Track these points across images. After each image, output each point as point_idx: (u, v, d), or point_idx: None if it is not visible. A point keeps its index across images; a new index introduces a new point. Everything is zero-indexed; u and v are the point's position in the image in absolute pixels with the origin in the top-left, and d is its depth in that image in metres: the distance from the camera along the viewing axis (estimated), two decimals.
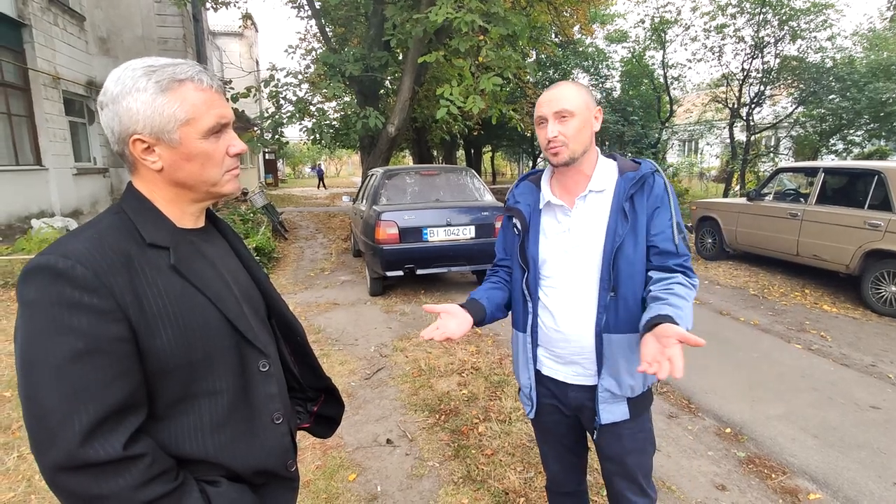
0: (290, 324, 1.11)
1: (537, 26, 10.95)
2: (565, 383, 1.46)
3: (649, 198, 1.35)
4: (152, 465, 0.78)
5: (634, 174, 1.36)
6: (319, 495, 2.44)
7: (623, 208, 1.34)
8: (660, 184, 1.36)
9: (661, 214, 1.35)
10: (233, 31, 25.03)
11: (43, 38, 8.70)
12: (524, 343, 1.51)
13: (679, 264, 1.34)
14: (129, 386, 0.77)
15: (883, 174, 5.40)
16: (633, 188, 1.34)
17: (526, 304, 1.47)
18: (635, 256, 1.34)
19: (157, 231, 0.86)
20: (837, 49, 13.45)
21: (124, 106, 0.82)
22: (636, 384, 1.39)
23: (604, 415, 1.40)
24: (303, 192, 25.53)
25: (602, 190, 1.39)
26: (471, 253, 5.77)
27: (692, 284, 1.32)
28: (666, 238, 1.34)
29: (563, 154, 1.34)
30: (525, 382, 1.54)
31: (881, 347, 4.38)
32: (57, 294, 0.74)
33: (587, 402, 1.45)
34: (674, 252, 1.34)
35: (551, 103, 1.33)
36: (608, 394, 1.39)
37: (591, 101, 1.36)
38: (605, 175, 1.40)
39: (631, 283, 1.34)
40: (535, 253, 1.44)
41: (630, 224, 1.33)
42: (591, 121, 1.36)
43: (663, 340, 1.10)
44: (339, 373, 3.85)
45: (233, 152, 0.91)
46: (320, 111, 9.74)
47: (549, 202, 1.43)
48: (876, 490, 2.48)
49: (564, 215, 1.41)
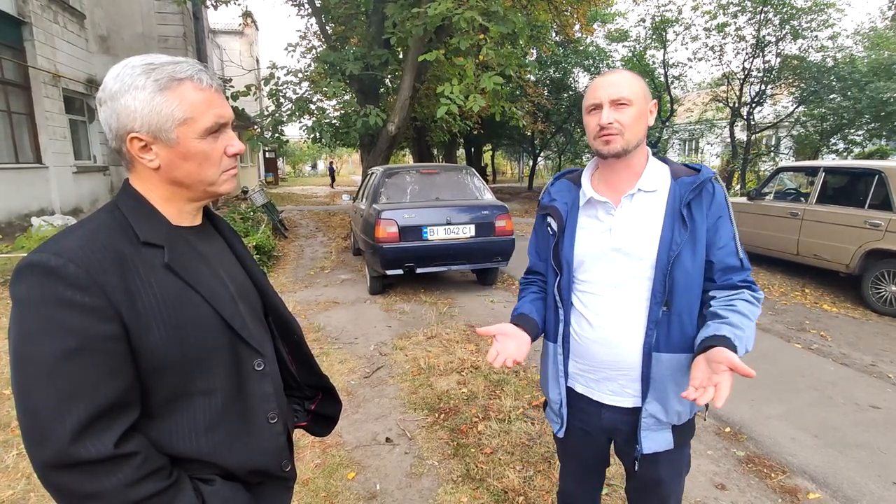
0: (287, 322, 1.10)
1: (537, 25, 10.93)
2: (599, 403, 1.34)
3: (710, 206, 1.23)
4: (144, 463, 0.78)
5: (693, 179, 1.24)
6: (318, 493, 2.43)
7: (682, 214, 1.21)
8: (720, 192, 1.25)
9: (723, 225, 1.24)
10: (233, 30, 25.01)
11: (43, 36, 8.70)
12: (554, 354, 1.39)
13: (744, 280, 1.23)
14: (121, 384, 0.77)
15: (883, 174, 5.39)
16: (691, 194, 1.22)
17: (557, 312, 1.36)
18: (693, 269, 1.22)
19: (152, 229, 0.85)
20: (838, 48, 13.45)
21: (122, 103, 0.82)
22: (684, 411, 1.27)
23: (646, 443, 1.28)
24: (303, 190, 25.53)
25: (653, 190, 1.27)
26: (471, 252, 5.76)
27: (757, 300, 1.22)
28: (730, 252, 1.23)
29: (617, 143, 1.21)
30: (555, 398, 1.41)
31: (881, 347, 4.38)
32: (49, 292, 0.73)
33: (622, 426, 1.33)
34: (738, 267, 1.23)
35: (608, 88, 1.21)
36: (653, 419, 1.27)
37: (648, 93, 1.25)
38: (656, 176, 1.28)
39: (687, 297, 1.22)
40: (570, 255, 1.32)
41: (689, 232, 1.21)
42: (646, 113, 1.24)
43: (714, 366, 1.04)
44: (338, 371, 3.85)
45: (231, 152, 0.91)
46: (320, 109, 9.73)
47: (591, 199, 1.31)
48: (876, 490, 2.48)
49: (607, 214, 1.29)
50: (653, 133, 16.98)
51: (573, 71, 18.18)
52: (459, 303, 5.73)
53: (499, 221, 5.81)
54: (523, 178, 32.20)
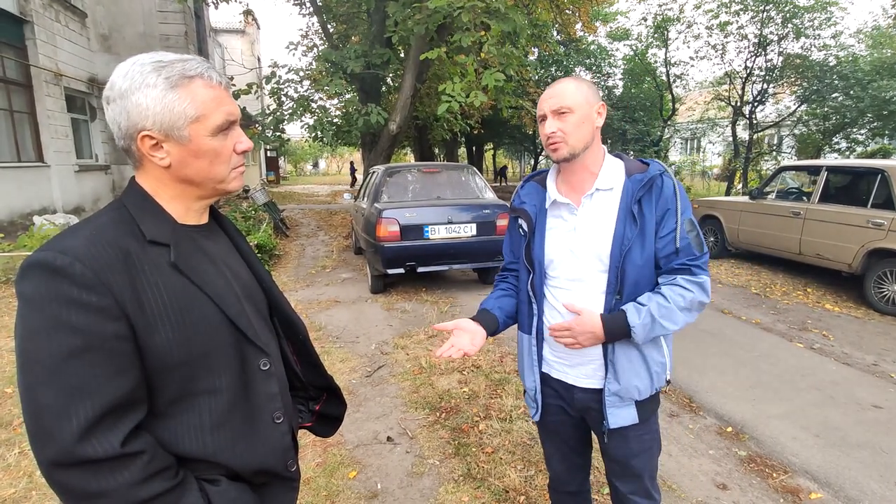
0: (292, 322, 1.10)
1: (539, 24, 10.92)
2: (573, 385, 1.45)
3: (658, 201, 1.32)
4: (151, 462, 0.77)
5: (643, 176, 1.33)
6: (320, 492, 2.44)
7: (632, 211, 1.31)
8: (668, 186, 1.33)
9: (669, 217, 1.32)
10: (234, 28, 25.02)
11: (45, 35, 8.70)
12: (529, 345, 1.49)
13: (682, 263, 1.32)
14: (127, 383, 0.77)
15: (886, 173, 5.38)
16: (641, 191, 1.31)
17: (531, 306, 1.46)
18: (643, 261, 1.32)
19: (158, 228, 0.85)
20: (841, 47, 13.40)
21: (133, 101, 0.81)
22: (642, 386, 1.38)
23: (612, 419, 1.39)
24: (304, 189, 25.54)
25: (610, 188, 1.36)
26: (472, 250, 5.76)
27: (695, 283, 1.31)
28: (670, 241, 1.32)
29: (562, 150, 1.32)
30: (530, 385, 1.53)
31: (883, 347, 4.37)
32: (55, 291, 0.73)
33: (593, 405, 1.44)
34: (673, 252, 1.32)
35: (550, 100, 1.32)
36: (616, 398, 1.38)
37: (592, 96, 1.33)
38: (612, 174, 1.37)
39: (636, 288, 1.33)
40: (541, 254, 1.42)
41: (639, 228, 1.31)
42: (591, 116, 1.33)
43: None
44: (339, 370, 3.85)
45: (240, 149, 0.91)
46: (322, 108, 9.73)
47: (556, 200, 1.41)
48: (878, 489, 2.48)
49: (571, 214, 1.39)
50: (655, 132, 16.96)
51: (575, 70, 18.15)
52: (461, 302, 5.73)
53: (500, 220, 5.80)
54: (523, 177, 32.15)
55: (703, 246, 1.34)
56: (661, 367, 1.41)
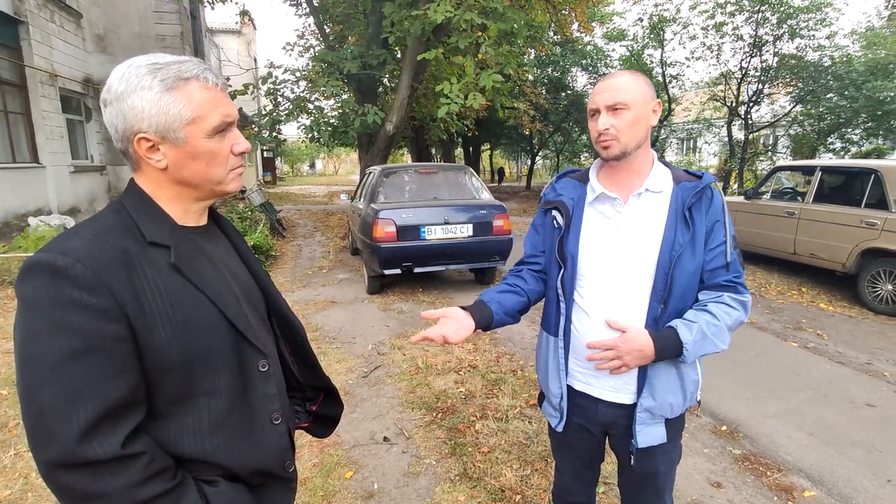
0: (290, 323, 1.11)
1: (535, 25, 10.94)
2: (598, 399, 1.37)
3: (709, 211, 1.27)
4: (150, 463, 0.78)
5: (695, 184, 1.29)
6: (316, 493, 2.44)
7: (685, 216, 1.26)
8: (718, 198, 1.29)
9: (718, 229, 1.28)
10: (231, 29, 24.95)
11: (39, 35, 8.67)
12: (555, 348, 1.41)
13: (729, 280, 1.28)
14: (127, 384, 0.78)
15: (879, 173, 5.42)
16: (693, 198, 1.26)
17: (559, 306, 1.37)
18: (692, 270, 1.27)
19: (158, 229, 0.86)
20: (836, 47, 13.48)
21: (129, 104, 0.82)
22: (675, 403, 1.32)
23: (640, 437, 1.32)
24: (301, 190, 25.49)
25: (659, 191, 1.30)
26: (468, 251, 5.77)
27: (740, 302, 1.27)
28: (720, 254, 1.28)
29: (615, 148, 1.25)
30: (555, 392, 1.43)
31: (877, 346, 4.40)
32: (56, 292, 0.74)
33: (619, 420, 1.37)
34: (723, 267, 1.27)
35: (605, 94, 1.24)
36: (647, 414, 1.31)
37: (649, 93, 1.27)
38: (660, 177, 1.32)
39: (683, 298, 1.27)
40: (575, 250, 1.34)
41: (691, 235, 1.25)
42: (647, 114, 1.26)
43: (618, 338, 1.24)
44: (336, 371, 3.85)
45: (237, 151, 0.91)
46: (318, 109, 9.72)
47: (603, 194, 1.33)
48: (870, 487, 2.50)
49: (615, 211, 1.32)
50: (651, 132, 16.99)
51: (571, 70, 18.19)
52: (457, 302, 5.73)
53: (497, 221, 5.82)
54: (521, 178, 32.21)
55: (743, 264, 1.32)
56: (694, 386, 1.36)
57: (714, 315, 1.24)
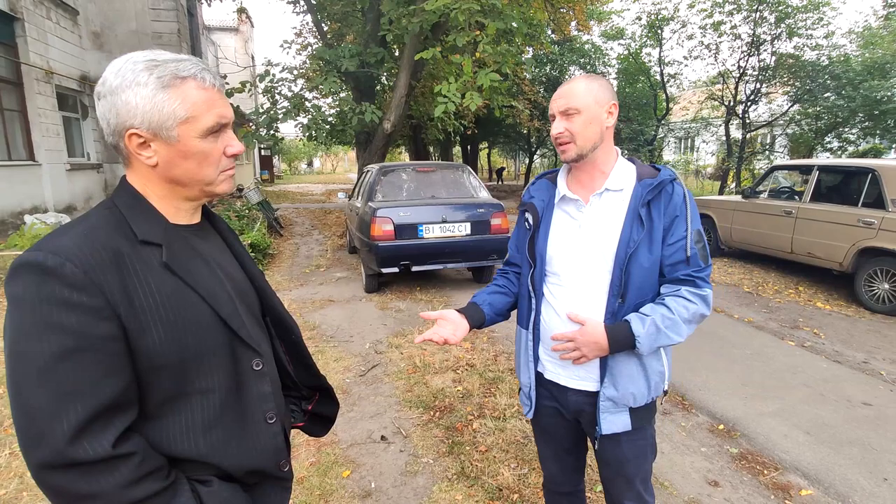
0: (284, 322, 1.10)
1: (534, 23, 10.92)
2: (566, 387, 1.44)
3: (667, 206, 1.31)
4: (142, 463, 0.77)
5: (653, 181, 1.33)
6: (313, 492, 2.44)
7: (640, 214, 1.30)
8: (679, 193, 1.32)
9: (678, 224, 1.31)
10: (228, 26, 24.89)
11: (36, 32, 8.62)
12: (526, 341, 1.49)
13: (688, 274, 1.31)
14: (118, 384, 0.77)
15: (877, 172, 5.43)
16: (650, 194, 1.31)
17: (530, 301, 1.45)
18: (648, 265, 1.31)
19: (150, 227, 0.85)
20: (833, 47, 13.51)
21: (123, 99, 0.81)
22: (638, 393, 1.36)
23: (604, 424, 1.38)
24: (299, 188, 25.44)
25: (620, 189, 1.36)
26: (466, 250, 5.77)
27: (699, 296, 1.30)
28: (679, 248, 1.31)
29: (570, 151, 1.33)
30: (525, 381, 1.53)
31: (874, 345, 4.41)
32: (46, 292, 0.73)
33: (587, 408, 1.42)
34: (683, 261, 1.31)
35: (558, 101, 1.33)
36: (610, 402, 1.36)
37: (603, 96, 1.32)
38: (623, 175, 1.37)
39: (640, 292, 1.32)
40: (543, 249, 1.42)
41: (646, 231, 1.30)
42: (600, 116, 1.32)
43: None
44: (333, 369, 3.85)
45: (230, 153, 0.91)
46: (315, 107, 9.69)
47: (565, 196, 1.41)
48: (867, 486, 2.50)
49: (578, 210, 1.39)
50: (648, 131, 17.02)
51: (569, 69, 18.18)
52: (455, 301, 5.73)
53: (494, 219, 5.82)
54: (519, 177, 32.22)
55: (709, 258, 1.34)
56: (659, 377, 1.40)
57: (670, 309, 1.29)
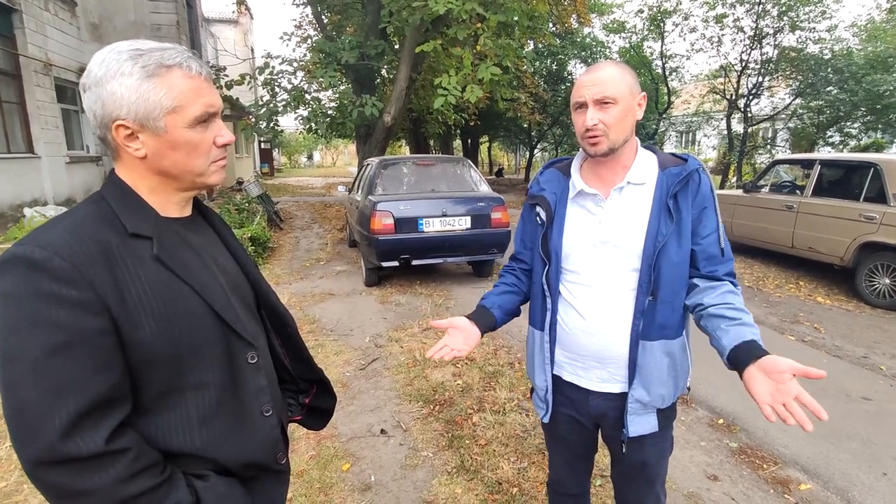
0: (280, 315, 1.09)
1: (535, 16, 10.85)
2: (587, 390, 1.37)
3: (696, 197, 1.24)
4: (137, 459, 0.76)
5: (680, 170, 1.24)
6: (313, 485, 2.44)
7: (668, 206, 1.22)
8: (706, 182, 1.25)
9: (708, 216, 1.24)
10: (227, 18, 24.72)
11: (34, 24, 8.56)
12: (541, 342, 1.41)
13: (727, 272, 1.25)
14: (111, 379, 0.76)
15: (879, 166, 5.40)
16: (677, 185, 1.23)
17: (545, 301, 1.37)
18: (679, 259, 1.23)
19: (140, 221, 0.84)
20: (836, 40, 13.43)
21: (108, 90, 0.80)
22: (667, 394, 1.31)
23: (632, 427, 1.31)
24: (299, 181, 25.39)
25: (642, 183, 1.27)
26: (466, 243, 5.75)
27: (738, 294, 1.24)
28: (713, 242, 1.24)
29: (603, 144, 1.22)
30: (541, 384, 1.43)
31: (874, 339, 4.41)
32: (34, 286, 0.72)
33: (611, 412, 1.36)
34: (719, 256, 1.24)
35: (592, 87, 1.20)
36: (638, 405, 1.30)
37: (635, 86, 1.24)
38: (644, 167, 1.29)
39: (672, 287, 1.24)
40: (559, 246, 1.33)
41: (675, 224, 1.22)
42: (634, 108, 1.23)
43: (775, 376, 0.99)
44: (333, 363, 3.85)
45: (220, 143, 0.89)
46: (316, 100, 9.64)
47: (582, 191, 1.31)
48: (866, 480, 2.51)
49: (597, 206, 1.30)
50: (650, 125, 16.95)
51: (570, 62, 18.09)
52: (455, 294, 5.73)
53: (494, 213, 5.80)
54: (519, 171, 32.14)
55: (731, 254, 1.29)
56: (685, 373, 1.35)
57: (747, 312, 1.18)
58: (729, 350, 1.11)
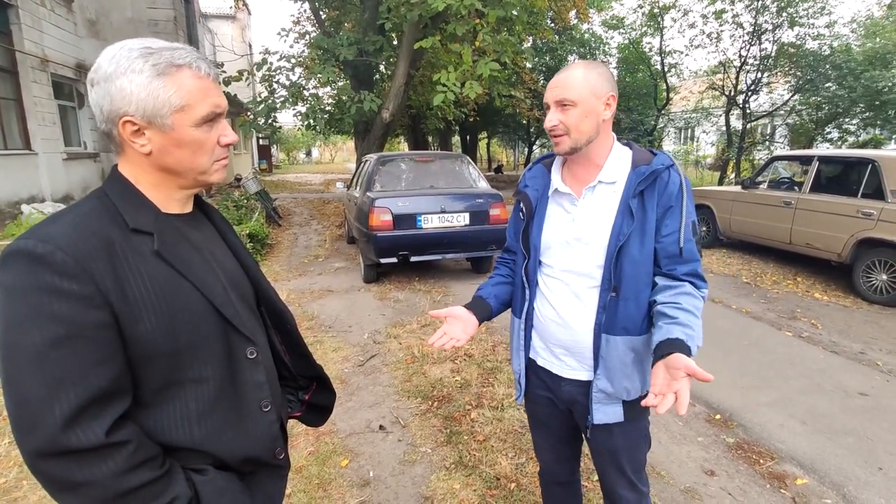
0: (279, 311, 1.10)
1: (534, 11, 10.82)
2: (559, 376, 1.43)
3: (661, 196, 1.26)
4: (136, 451, 0.77)
5: (646, 168, 1.27)
6: (312, 481, 2.45)
7: (630, 206, 1.25)
8: (675, 181, 1.26)
9: (672, 215, 1.26)
10: (225, 14, 24.64)
11: (30, 20, 8.52)
12: (518, 328, 1.49)
13: (688, 272, 1.27)
14: (111, 372, 0.77)
15: (876, 163, 5.41)
16: (642, 184, 1.25)
17: (524, 291, 1.45)
18: (641, 258, 1.26)
19: (141, 216, 0.85)
20: (835, 36, 13.41)
21: (118, 86, 0.81)
22: (632, 387, 1.34)
23: (597, 415, 1.36)
24: (297, 178, 25.35)
25: (613, 182, 1.31)
26: (465, 240, 5.76)
27: (701, 296, 1.26)
28: (673, 241, 1.26)
29: (564, 144, 1.28)
30: (516, 368, 1.53)
31: (871, 335, 4.43)
32: (36, 280, 0.73)
33: (580, 398, 1.41)
34: (676, 254, 1.26)
35: (554, 90, 1.26)
36: (602, 394, 1.35)
37: (601, 87, 1.26)
38: (617, 166, 1.32)
39: (634, 284, 1.27)
40: (538, 240, 1.40)
41: (637, 223, 1.25)
42: (597, 109, 1.26)
43: (672, 372, 1.08)
44: (332, 359, 3.86)
45: (224, 142, 0.91)
46: (314, 96, 9.62)
47: (557, 189, 1.38)
48: (862, 475, 2.52)
49: (571, 204, 1.36)
50: (648, 121, 16.94)
51: (569, 58, 18.05)
52: (454, 291, 5.74)
53: (493, 210, 5.80)
54: (518, 167, 32.12)
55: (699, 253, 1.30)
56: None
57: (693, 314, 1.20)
58: (655, 345, 1.17)
